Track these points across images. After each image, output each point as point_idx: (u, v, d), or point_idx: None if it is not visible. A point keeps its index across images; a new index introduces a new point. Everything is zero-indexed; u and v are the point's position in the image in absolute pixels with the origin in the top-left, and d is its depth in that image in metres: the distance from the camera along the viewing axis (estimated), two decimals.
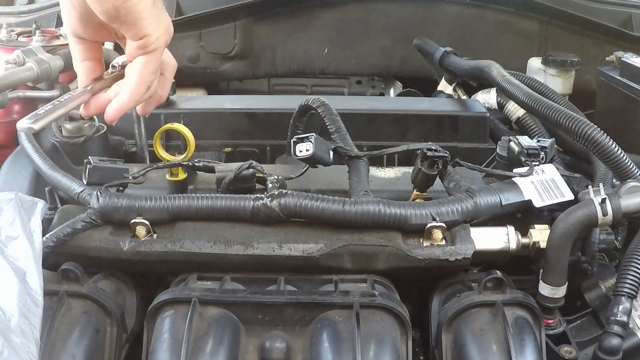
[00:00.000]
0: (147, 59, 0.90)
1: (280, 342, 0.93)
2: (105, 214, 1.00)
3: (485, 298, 0.96)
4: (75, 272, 0.97)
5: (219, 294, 0.94)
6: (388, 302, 0.92)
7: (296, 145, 1.09)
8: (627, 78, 1.53)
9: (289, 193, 0.99)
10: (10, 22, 1.90)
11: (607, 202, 0.96)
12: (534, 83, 1.53)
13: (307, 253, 0.98)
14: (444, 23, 2.07)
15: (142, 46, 0.89)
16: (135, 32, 0.88)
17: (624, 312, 0.94)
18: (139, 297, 1.05)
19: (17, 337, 0.81)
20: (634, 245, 0.99)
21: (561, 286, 0.99)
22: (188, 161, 1.18)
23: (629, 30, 1.94)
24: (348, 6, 2.08)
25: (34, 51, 1.41)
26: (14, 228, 0.92)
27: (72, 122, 1.27)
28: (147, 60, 0.90)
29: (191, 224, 1.01)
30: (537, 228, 1.03)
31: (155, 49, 0.90)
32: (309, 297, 0.94)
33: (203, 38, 2.03)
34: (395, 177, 1.27)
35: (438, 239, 0.99)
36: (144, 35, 0.88)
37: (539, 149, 1.09)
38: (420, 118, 1.51)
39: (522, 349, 0.91)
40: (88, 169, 1.06)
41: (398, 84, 2.24)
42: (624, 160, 1.05)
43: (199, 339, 0.89)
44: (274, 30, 2.08)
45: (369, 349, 0.88)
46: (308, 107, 1.30)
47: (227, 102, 1.60)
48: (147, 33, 0.88)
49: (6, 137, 1.47)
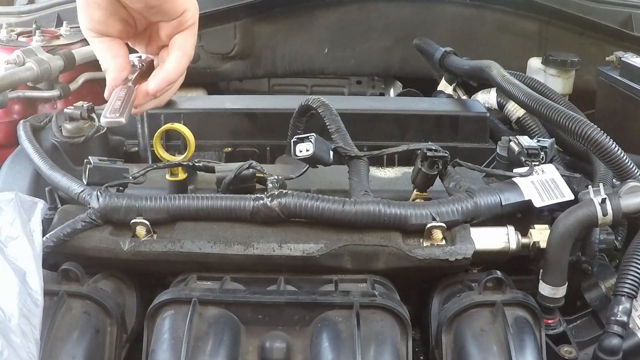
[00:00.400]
0: (186, 33, 0.94)
1: (280, 342, 0.93)
2: (105, 214, 1.00)
3: (485, 298, 0.96)
4: (75, 272, 0.97)
5: (219, 294, 0.94)
6: (388, 302, 0.92)
7: (296, 145, 1.09)
8: (627, 78, 1.53)
9: (289, 193, 0.99)
10: (10, 22, 1.90)
11: (607, 202, 0.96)
12: (534, 83, 1.53)
13: (307, 253, 0.98)
14: (444, 23, 2.07)
15: (181, 22, 0.92)
16: (174, 10, 0.91)
17: (624, 312, 0.94)
18: (139, 297, 1.05)
19: (17, 337, 0.81)
20: (634, 245, 0.99)
21: (561, 286, 0.99)
22: (188, 161, 1.18)
23: (629, 30, 1.94)
24: (348, 6, 2.08)
25: (34, 51, 1.41)
26: (14, 228, 0.92)
27: (72, 122, 1.27)
28: (186, 35, 0.94)
29: (191, 224, 1.01)
30: (537, 228, 1.03)
31: (192, 23, 0.94)
32: (309, 297, 0.94)
33: (203, 38, 2.03)
34: (395, 177, 1.27)
35: (438, 239, 0.99)
36: (182, 10, 0.91)
37: (539, 149, 1.09)
38: (420, 118, 1.51)
39: (522, 349, 0.91)
40: (88, 169, 1.05)
41: (398, 84, 2.24)
42: (624, 160, 1.05)
43: (199, 339, 0.89)
44: (274, 30, 2.08)
45: (369, 349, 0.88)
46: (308, 107, 1.30)
47: (227, 102, 1.60)
48: (186, 8, 0.91)
49: (6, 137, 1.48)
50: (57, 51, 1.50)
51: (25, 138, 1.26)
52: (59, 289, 0.96)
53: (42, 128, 1.35)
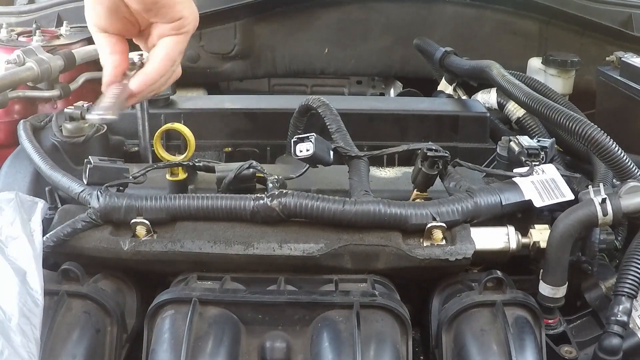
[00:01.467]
0: (177, 38, 0.94)
1: (280, 342, 0.93)
2: (105, 214, 1.00)
3: (486, 298, 0.96)
4: (76, 272, 0.97)
5: (219, 293, 0.94)
6: (388, 302, 0.92)
7: (296, 145, 1.09)
8: (627, 78, 1.53)
9: (289, 193, 0.99)
10: (10, 22, 1.89)
11: (608, 202, 0.96)
12: (534, 83, 1.53)
13: (308, 253, 0.98)
14: (444, 23, 2.07)
15: (177, 27, 0.93)
16: (172, 15, 0.91)
17: (624, 312, 0.94)
18: (139, 297, 1.05)
19: (18, 337, 0.81)
20: (634, 245, 0.99)
21: (561, 286, 0.99)
22: (188, 161, 1.18)
23: (629, 30, 1.94)
24: (348, 6, 2.08)
25: (34, 51, 1.41)
26: (14, 228, 0.92)
27: (72, 122, 1.27)
28: (177, 40, 0.94)
29: (191, 224, 1.01)
30: (537, 228, 1.04)
31: (187, 31, 0.94)
32: (309, 297, 0.94)
33: (203, 38, 2.03)
34: (395, 177, 1.27)
35: (438, 239, 0.99)
36: (180, 17, 0.92)
37: (539, 149, 1.09)
38: (421, 118, 1.51)
39: (522, 349, 0.91)
40: (88, 168, 1.06)
41: (398, 84, 2.24)
42: (624, 160, 1.05)
43: (199, 339, 0.89)
44: (274, 30, 2.08)
45: (369, 349, 0.88)
46: (308, 107, 1.30)
47: (227, 102, 1.60)
48: (183, 15, 0.92)
49: (6, 137, 1.47)
50: (57, 51, 1.50)
51: (25, 138, 1.26)
52: (59, 289, 0.96)
53: (42, 128, 1.35)
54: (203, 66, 2.06)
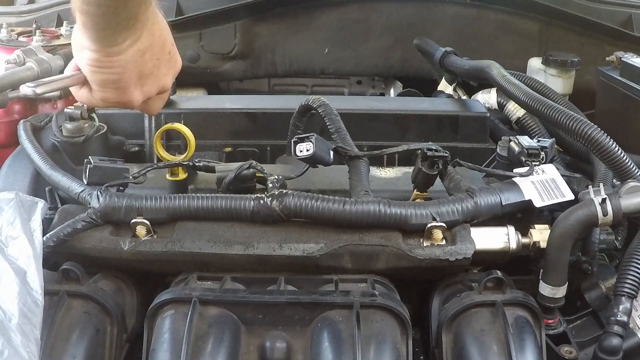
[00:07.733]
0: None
1: (280, 342, 0.93)
2: (105, 214, 1.00)
3: (486, 298, 0.96)
4: (76, 272, 0.97)
5: (219, 293, 0.94)
6: (388, 302, 0.92)
7: (296, 145, 1.09)
8: (627, 78, 1.53)
9: (289, 193, 0.99)
10: (10, 22, 1.89)
11: (608, 202, 0.96)
12: (534, 83, 1.53)
13: (308, 253, 0.98)
14: (444, 23, 2.07)
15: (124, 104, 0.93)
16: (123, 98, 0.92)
17: (624, 312, 0.94)
18: (139, 297, 1.05)
19: (18, 337, 0.81)
20: (634, 245, 0.99)
21: (561, 286, 0.99)
22: (188, 161, 1.18)
23: (629, 30, 1.94)
24: (348, 6, 2.08)
25: (34, 51, 1.41)
26: (14, 228, 0.92)
27: (72, 122, 1.27)
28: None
29: (191, 224, 1.01)
30: (537, 228, 1.04)
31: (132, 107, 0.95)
32: (309, 297, 0.94)
33: (203, 38, 2.03)
34: (395, 177, 1.27)
35: (438, 239, 0.99)
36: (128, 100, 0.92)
37: (539, 149, 1.09)
38: (421, 118, 1.51)
39: (522, 349, 0.91)
40: (88, 168, 1.06)
41: (398, 84, 2.24)
42: (624, 160, 1.05)
43: (199, 339, 0.89)
44: (274, 30, 2.08)
45: (369, 349, 0.88)
46: (308, 107, 1.30)
47: (227, 102, 1.60)
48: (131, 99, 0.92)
49: (6, 137, 1.47)
50: (57, 51, 1.50)
51: (25, 138, 1.26)
52: (59, 289, 0.96)
53: (42, 128, 1.35)
54: (203, 66, 2.06)
